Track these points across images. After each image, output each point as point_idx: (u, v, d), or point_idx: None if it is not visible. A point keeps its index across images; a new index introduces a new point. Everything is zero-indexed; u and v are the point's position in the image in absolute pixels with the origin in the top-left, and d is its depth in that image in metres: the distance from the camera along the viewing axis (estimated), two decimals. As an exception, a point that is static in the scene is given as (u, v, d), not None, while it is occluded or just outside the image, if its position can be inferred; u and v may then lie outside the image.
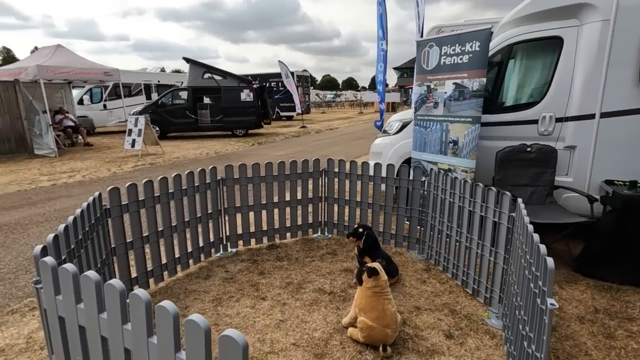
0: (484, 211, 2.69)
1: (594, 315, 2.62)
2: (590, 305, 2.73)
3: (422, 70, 4.03)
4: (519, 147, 3.63)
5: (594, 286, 3.00)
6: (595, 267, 3.13)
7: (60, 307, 1.44)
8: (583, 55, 3.49)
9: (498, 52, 3.93)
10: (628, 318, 2.57)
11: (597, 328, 2.47)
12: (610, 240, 3.04)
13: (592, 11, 3.38)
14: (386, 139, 4.95)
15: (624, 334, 2.40)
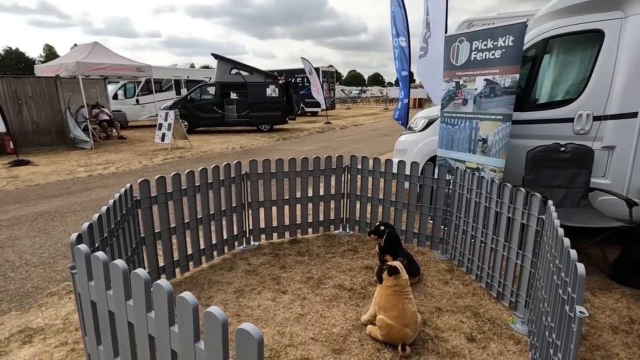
0: (511, 212, 2.59)
1: (629, 325, 2.47)
2: (625, 315, 2.58)
3: (451, 66, 3.92)
4: (552, 147, 3.47)
5: (630, 295, 2.84)
6: (632, 275, 2.95)
7: (92, 292, 1.53)
8: (627, 49, 3.27)
9: (532, 46, 3.76)
10: (668, 331, 2.42)
11: (631, 339, 2.34)
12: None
13: (637, 2, 3.15)
14: (411, 136, 4.86)
15: (662, 348, 2.26)
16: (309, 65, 18.39)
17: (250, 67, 14.91)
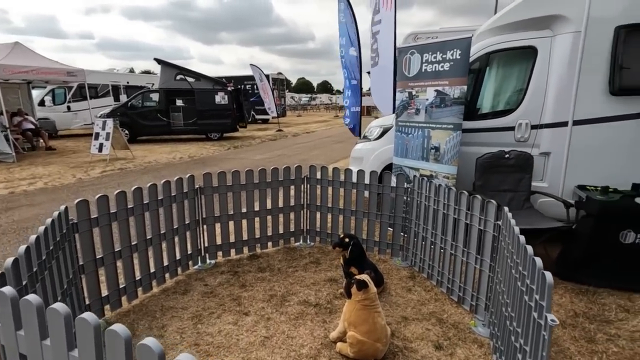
0: (469, 219, 2.70)
1: (574, 319, 2.68)
2: (570, 310, 2.79)
3: (404, 77, 4.04)
4: (497, 154, 3.70)
5: (571, 290, 3.08)
6: (573, 271, 3.22)
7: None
8: (556, 64, 3.61)
9: (476, 60, 4.01)
10: (606, 321, 2.65)
11: (578, 332, 2.52)
12: (586, 244, 3.14)
13: (564, 22, 3.50)
14: (367, 145, 4.93)
15: (603, 338, 2.47)
16: (259, 71, 18.15)
17: (197, 73, 14.32)
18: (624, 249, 3.02)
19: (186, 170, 8.28)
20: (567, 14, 3.46)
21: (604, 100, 3.45)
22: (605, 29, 3.34)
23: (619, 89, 3.35)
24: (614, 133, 3.46)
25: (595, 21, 3.35)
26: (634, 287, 3.02)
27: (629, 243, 3.01)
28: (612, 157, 3.50)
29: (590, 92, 3.49)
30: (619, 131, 3.44)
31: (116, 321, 2.64)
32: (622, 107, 3.41)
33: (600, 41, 3.37)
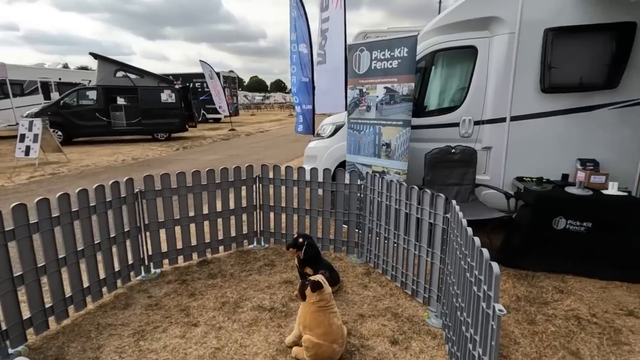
0: (419, 213, 2.75)
1: (517, 303, 2.84)
2: (513, 294, 2.96)
3: (354, 74, 4.05)
4: (444, 149, 3.84)
5: (514, 275, 3.28)
6: (514, 258, 3.42)
7: None
8: (494, 64, 3.81)
9: (422, 58, 4.12)
10: (544, 303, 2.84)
11: (521, 316, 2.67)
12: (525, 232, 3.35)
13: (500, 24, 3.71)
14: (321, 143, 4.90)
15: (543, 319, 2.64)
16: (209, 69, 17.47)
17: (140, 69, 13.41)
18: (557, 235, 3.27)
19: (129, 174, 7.69)
20: (502, 16, 3.66)
21: (537, 98, 3.71)
22: (536, 31, 3.59)
23: (549, 87, 3.61)
24: (545, 128, 3.74)
25: (527, 24, 3.59)
26: (566, 269, 3.28)
27: (561, 229, 3.26)
28: (544, 149, 3.78)
29: (524, 90, 3.73)
30: (550, 126, 3.73)
31: (42, 346, 2.33)
32: (552, 104, 3.69)
33: (532, 42, 3.62)
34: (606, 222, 3.14)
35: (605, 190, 3.30)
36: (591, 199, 3.21)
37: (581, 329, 2.51)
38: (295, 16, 6.69)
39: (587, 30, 3.46)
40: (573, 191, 3.31)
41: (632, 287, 3.05)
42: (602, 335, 2.44)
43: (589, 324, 2.57)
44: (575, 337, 2.42)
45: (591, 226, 3.19)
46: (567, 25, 3.48)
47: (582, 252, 3.22)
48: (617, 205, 3.14)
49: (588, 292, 2.99)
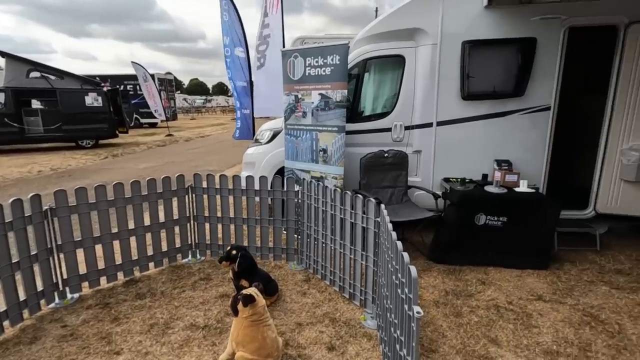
0: (353, 217, 2.81)
1: (445, 297, 3.02)
2: (442, 289, 3.15)
3: (289, 80, 4.04)
4: (378, 153, 3.99)
5: (443, 271, 3.49)
6: (443, 254, 3.65)
7: None
8: (420, 72, 4.05)
9: (355, 65, 4.25)
10: (469, 295, 3.06)
11: (448, 309, 2.85)
12: (452, 229, 3.59)
13: (423, 35, 3.96)
14: (259, 149, 4.81)
15: (467, 310, 2.84)
16: (143, 70, 16.35)
17: (58, 69, 12.13)
18: (478, 230, 3.55)
19: (46, 187, 6.89)
20: (425, 28, 3.91)
21: (458, 104, 4.01)
22: (454, 43, 3.88)
23: (468, 94, 3.93)
24: (467, 132, 4.06)
25: (447, 36, 3.87)
26: (487, 261, 3.58)
27: (481, 224, 3.55)
28: (467, 152, 4.09)
29: (447, 97, 4.01)
30: (471, 130, 4.05)
31: None
32: (472, 110, 4.01)
33: (452, 53, 3.91)
34: (518, 216, 3.48)
35: (518, 188, 3.66)
36: (506, 196, 3.54)
37: (499, 317, 2.74)
38: (227, 20, 6.54)
39: (497, 44, 3.82)
40: (491, 190, 3.63)
41: (541, 273, 3.42)
42: (517, 320, 2.69)
43: (506, 311, 2.82)
44: (495, 325, 2.64)
45: (506, 220, 3.51)
46: (480, 38, 3.82)
47: (500, 245, 3.53)
48: (527, 201, 3.50)
49: (506, 282, 3.28)
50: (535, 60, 3.78)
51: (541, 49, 3.75)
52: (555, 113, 3.88)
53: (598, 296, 3.01)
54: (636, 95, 3.59)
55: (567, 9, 3.61)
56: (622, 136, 3.72)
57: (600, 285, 3.19)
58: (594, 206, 3.97)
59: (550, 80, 3.81)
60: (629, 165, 3.65)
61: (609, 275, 3.37)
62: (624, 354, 2.33)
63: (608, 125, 3.75)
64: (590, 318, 2.71)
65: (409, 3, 3.98)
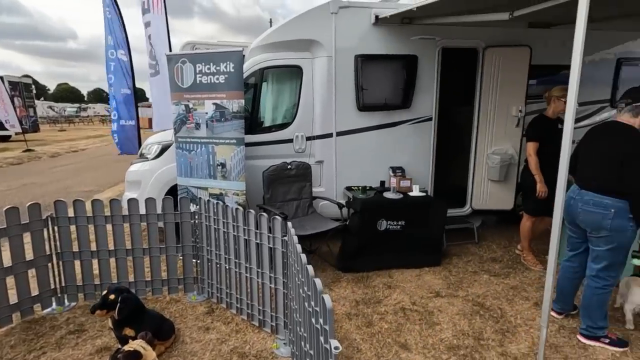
0: (258, 238, 2.58)
1: (357, 307, 3.02)
2: (352, 300, 3.14)
3: (178, 88, 3.61)
4: (281, 165, 3.84)
5: (352, 279, 3.51)
6: (351, 262, 3.68)
7: None
8: (318, 83, 4.07)
9: (252, 74, 4.05)
10: (377, 301, 3.12)
11: (360, 320, 2.84)
12: (356, 237, 3.65)
13: (319, 47, 3.99)
14: (145, 165, 4.19)
15: (377, 318, 2.87)
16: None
17: None
18: (381, 235, 3.69)
19: None
20: (320, 40, 3.95)
21: (355, 115, 4.15)
22: (348, 56, 4.01)
23: (363, 106, 4.10)
24: (364, 141, 4.22)
25: (341, 49, 3.97)
26: (391, 264, 3.74)
27: (383, 230, 3.70)
28: (366, 160, 4.26)
29: (345, 108, 4.12)
30: (368, 139, 4.22)
31: None
32: (367, 120, 4.20)
33: (347, 66, 4.03)
34: (414, 219, 3.74)
35: (411, 193, 3.94)
36: (401, 201, 3.76)
37: (406, 319, 2.84)
38: (110, 17, 5.67)
39: (386, 59, 4.08)
40: (389, 196, 3.82)
41: (436, 270, 3.72)
42: (422, 320, 2.83)
43: (412, 312, 2.95)
44: (403, 329, 2.72)
45: (404, 224, 3.73)
46: (371, 53, 4.03)
47: (400, 247, 3.73)
48: (420, 205, 3.78)
49: (408, 282, 3.46)
50: (417, 75, 4.15)
51: (422, 65, 4.14)
52: (436, 123, 4.33)
53: (482, 285, 3.40)
54: (494, 107, 4.23)
55: (440, 31, 4.06)
56: (486, 142, 4.34)
57: (482, 274, 3.62)
58: (471, 203, 4.54)
59: (430, 94, 4.24)
60: (493, 167, 4.28)
61: (487, 264, 3.85)
62: (507, 336, 2.63)
63: (476, 133, 4.34)
64: (479, 307, 3.01)
65: (304, 15, 3.98)
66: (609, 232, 2.36)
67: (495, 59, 4.11)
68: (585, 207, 2.45)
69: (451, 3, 2.97)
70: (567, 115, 1.85)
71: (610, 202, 2.33)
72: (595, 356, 2.41)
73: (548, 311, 2.14)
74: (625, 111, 2.40)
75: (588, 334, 2.53)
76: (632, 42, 4.71)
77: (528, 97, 4.21)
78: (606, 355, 2.40)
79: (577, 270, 2.70)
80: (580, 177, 2.57)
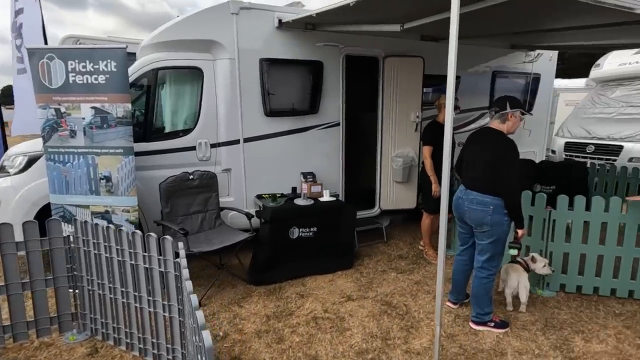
0: (148, 262, 2.26)
1: (267, 323, 2.87)
2: (263, 315, 2.98)
3: (44, 88, 3.03)
4: (181, 176, 3.50)
5: (264, 293, 3.35)
6: (263, 274, 3.51)
7: None
8: (221, 87, 3.82)
9: (144, 75, 3.63)
10: (289, 313, 3.01)
11: (270, 337, 2.70)
12: (268, 247, 3.50)
13: (220, 49, 3.75)
14: (6, 181, 3.45)
15: (289, 332, 2.76)
16: None
17: None
18: (293, 243, 3.60)
19: None
20: (221, 41, 3.71)
21: (263, 120, 4.00)
22: (252, 60, 3.85)
23: (270, 111, 3.97)
24: (274, 147, 4.10)
25: (244, 51, 3.79)
26: (304, 272, 3.67)
27: (295, 238, 3.62)
28: (276, 167, 4.14)
29: (252, 113, 3.94)
30: (277, 145, 4.11)
31: None
32: (276, 126, 4.08)
33: (251, 70, 3.86)
34: (325, 224, 3.73)
35: (322, 198, 3.94)
36: (313, 207, 3.74)
37: (318, 329, 2.78)
38: None
39: (292, 64, 4.02)
40: (300, 202, 3.76)
41: (348, 273, 3.77)
42: (333, 328, 2.80)
43: (324, 320, 2.91)
44: (314, 340, 2.65)
45: (316, 230, 3.71)
46: (276, 57, 3.93)
47: (314, 253, 3.69)
48: (330, 210, 3.80)
49: (321, 289, 3.43)
50: (323, 81, 4.18)
51: (327, 71, 4.18)
52: (344, 128, 4.42)
53: (390, 283, 3.53)
54: (395, 113, 4.49)
55: (343, 39, 4.16)
56: (390, 146, 4.58)
57: (390, 272, 3.78)
58: (379, 204, 4.74)
59: (337, 100, 4.31)
60: (397, 169, 4.53)
61: (395, 261, 4.04)
62: (412, 332, 2.75)
63: (381, 138, 4.55)
64: (387, 306, 3.11)
65: (201, 13, 3.71)
66: (489, 227, 2.62)
67: (394, 67, 4.36)
68: (470, 206, 2.68)
69: (348, 12, 3.03)
70: (447, 122, 1.99)
71: (490, 200, 2.59)
72: (483, 340, 2.65)
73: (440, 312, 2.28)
74: (495, 118, 2.70)
75: (477, 320, 2.78)
76: (503, 57, 5.46)
77: (424, 104, 4.57)
78: (492, 338, 2.66)
79: (467, 263, 2.95)
80: (465, 177, 2.82)
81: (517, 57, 5.56)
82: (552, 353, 2.50)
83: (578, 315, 2.95)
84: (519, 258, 3.01)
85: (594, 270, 3.20)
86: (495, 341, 2.63)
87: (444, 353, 2.50)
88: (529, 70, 5.72)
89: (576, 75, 10.27)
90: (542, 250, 3.26)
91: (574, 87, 9.51)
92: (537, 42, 5.12)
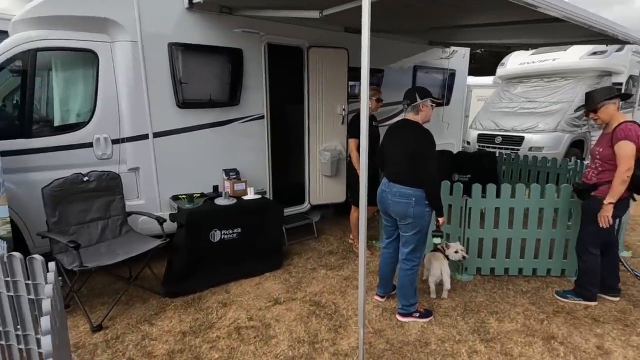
0: (13, 289, 1.81)
1: (182, 342, 2.55)
2: (178, 332, 2.65)
3: None
4: (72, 178, 2.96)
5: (181, 306, 2.99)
6: (180, 285, 3.15)
7: None
8: (122, 74, 3.32)
9: (16, 57, 2.99)
10: (210, 326, 2.72)
11: (185, 357, 2.39)
12: (186, 254, 3.14)
13: (119, 30, 3.24)
14: None
15: (208, 348, 2.48)
16: None
17: None
18: (215, 248, 3.29)
19: None
20: (119, 20, 3.20)
21: (175, 113, 3.58)
22: (160, 44, 3.40)
23: (184, 102, 3.57)
24: (190, 142, 3.70)
25: (149, 35, 3.32)
26: (229, 277, 3.39)
27: (218, 241, 3.32)
28: (194, 164, 3.75)
29: (162, 105, 3.50)
30: (195, 140, 3.72)
31: None
32: (192, 119, 3.68)
33: (159, 55, 3.40)
34: (250, 224, 3.47)
35: (246, 197, 3.67)
36: (236, 207, 3.45)
37: (241, 341, 2.55)
38: None
39: (207, 51, 3.64)
40: (221, 203, 3.45)
41: (277, 274, 3.57)
42: (257, 338, 2.59)
43: (247, 330, 2.68)
44: (236, 354, 2.42)
45: (241, 231, 3.44)
46: (189, 42, 3.52)
47: (239, 257, 3.42)
48: (255, 209, 3.55)
49: (246, 294, 3.19)
50: (244, 70, 3.88)
51: (248, 60, 3.89)
52: (269, 121, 4.18)
53: (319, 282, 3.42)
54: (321, 104, 4.37)
55: (264, 26, 3.89)
56: (318, 140, 4.46)
57: (320, 270, 3.67)
58: (309, 200, 4.61)
59: (260, 91, 4.04)
60: (325, 164, 4.43)
61: (325, 258, 3.95)
62: (340, 332, 2.66)
63: (308, 131, 4.41)
64: (316, 307, 2.99)
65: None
66: (413, 219, 2.62)
67: (319, 59, 4.23)
68: (393, 199, 2.66)
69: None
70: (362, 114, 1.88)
71: (412, 192, 2.58)
72: (409, 332, 2.66)
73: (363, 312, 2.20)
74: (409, 110, 2.70)
75: (404, 312, 2.79)
76: (423, 53, 5.68)
77: (350, 97, 4.53)
78: (417, 329, 2.68)
79: (393, 256, 2.95)
80: (387, 171, 2.79)
81: (436, 53, 5.82)
82: (471, 337, 2.59)
83: (492, 296, 3.14)
84: (439, 246, 3.10)
85: (504, 252, 3.44)
86: (420, 332, 2.65)
87: (371, 351, 2.44)
88: (446, 67, 6.04)
89: (486, 73, 11.36)
90: (460, 237, 3.41)
91: (484, 84, 10.46)
92: (452, 39, 5.41)
